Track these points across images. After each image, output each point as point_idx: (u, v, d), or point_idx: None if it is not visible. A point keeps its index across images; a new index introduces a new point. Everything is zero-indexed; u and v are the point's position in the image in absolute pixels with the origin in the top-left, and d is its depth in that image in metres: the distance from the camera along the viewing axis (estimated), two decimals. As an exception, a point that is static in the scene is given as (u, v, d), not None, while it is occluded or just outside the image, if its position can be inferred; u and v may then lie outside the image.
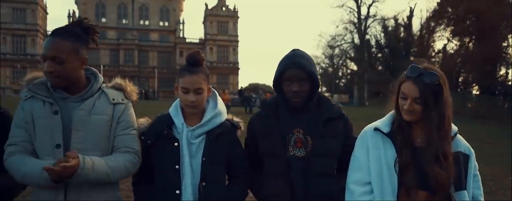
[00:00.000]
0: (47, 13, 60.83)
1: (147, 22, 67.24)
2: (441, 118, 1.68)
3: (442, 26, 40.08)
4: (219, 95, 2.10)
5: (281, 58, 2.00)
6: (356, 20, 46.81)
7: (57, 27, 1.78)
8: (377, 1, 46.01)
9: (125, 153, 1.79)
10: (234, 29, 63.70)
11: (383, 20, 46.85)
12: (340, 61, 55.98)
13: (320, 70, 61.22)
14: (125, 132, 1.82)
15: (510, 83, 29.38)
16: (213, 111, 1.95)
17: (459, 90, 36.10)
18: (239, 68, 63.66)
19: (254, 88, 53.94)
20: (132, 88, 1.92)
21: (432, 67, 1.72)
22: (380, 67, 48.03)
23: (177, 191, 1.83)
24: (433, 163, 1.66)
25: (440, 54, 44.47)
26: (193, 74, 1.88)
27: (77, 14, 61.01)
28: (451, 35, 39.58)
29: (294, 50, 2.02)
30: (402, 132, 1.75)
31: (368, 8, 46.52)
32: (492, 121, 19.86)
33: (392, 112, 1.84)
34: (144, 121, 1.98)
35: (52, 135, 1.70)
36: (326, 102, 2.00)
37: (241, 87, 29.31)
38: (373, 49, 49.23)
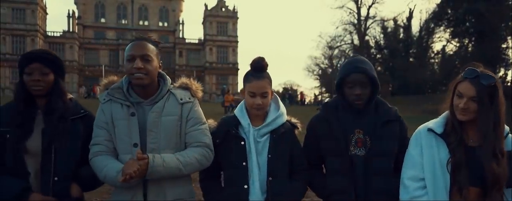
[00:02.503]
0: (46, 14, 60.78)
1: (146, 23, 67.23)
2: (497, 118, 1.80)
3: (442, 28, 40.13)
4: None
5: (343, 63, 2.17)
6: (355, 21, 46.85)
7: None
8: (377, 3, 46.09)
9: (196, 147, 1.93)
10: (233, 29, 63.72)
11: (383, 21, 46.93)
12: (340, 62, 55.96)
13: (320, 71, 61.31)
14: (195, 128, 1.96)
15: (509, 84, 29.38)
16: (276, 112, 2.11)
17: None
18: (238, 69, 63.66)
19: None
20: (197, 86, 2.07)
21: (488, 71, 1.85)
22: (379, 68, 48.09)
23: (245, 186, 1.99)
24: (491, 160, 1.77)
25: (439, 55, 44.55)
26: (259, 79, 2.04)
27: (76, 15, 61.03)
28: (450, 37, 39.62)
29: (355, 55, 2.18)
30: (455, 133, 1.86)
31: (368, 9, 46.62)
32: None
33: (445, 113, 1.95)
34: (211, 122, 2.13)
35: (130, 135, 1.88)
36: (384, 105, 2.14)
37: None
38: (373, 50, 49.27)
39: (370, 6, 46.31)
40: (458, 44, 39.39)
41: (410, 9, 47.12)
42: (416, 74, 39.35)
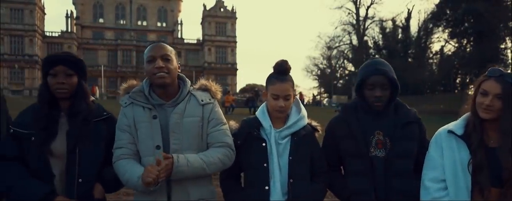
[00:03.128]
0: (45, 14, 60.69)
1: (145, 23, 67.19)
2: None
3: (440, 28, 40.20)
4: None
5: (362, 65, 2.18)
6: (354, 22, 46.91)
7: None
8: (376, 3, 46.24)
9: (218, 147, 1.96)
10: (232, 30, 63.74)
11: (381, 21, 47.03)
12: (338, 62, 56.06)
13: (318, 71, 61.37)
14: (216, 129, 1.99)
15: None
16: (297, 115, 2.13)
17: (456, 91, 36.18)
18: (237, 69, 63.71)
19: (251, 88, 53.98)
20: (216, 88, 2.10)
21: (509, 73, 1.87)
22: (378, 68, 48.07)
23: (266, 187, 2.00)
24: (509, 159, 1.78)
25: (438, 56, 44.63)
26: (283, 82, 2.05)
27: (75, 15, 60.97)
28: (449, 37, 39.69)
29: (374, 58, 2.20)
30: (476, 133, 1.88)
31: (367, 10, 46.77)
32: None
33: (465, 115, 1.98)
34: (233, 123, 2.16)
35: (153, 138, 1.90)
36: (403, 107, 2.16)
37: (257, 89, 29.84)
38: (371, 51, 49.34)
39: (368, 7, 46.47)
40: (456, 45, 39.47)
41: (409, 9, 47.27)
42: (415, 75, 39.40)
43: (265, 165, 2.02)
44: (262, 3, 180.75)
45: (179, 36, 65.01)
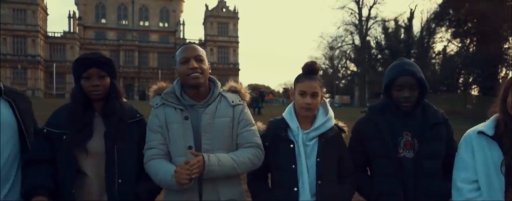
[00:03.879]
0: (47, 14, 60.86)
1: (147, 23, 67.31)
2: None
3: (443, 28, 40.10)
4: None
5: (389, 66, 2.18)
6: (357, 22, 46.86)
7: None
8: (378, 3, 46.16)
9: (248, 148, 1.98)
10: (234, 30, 63.79)
11: (384, 21, 46.96)
12: (341, 62, 55.99)
13: (321, 71, 61.32)
14: (246, 129, 2.01)
15: None
16: (325, 116, 2.13)
17: (459, 91, 36.10)
18: (239, 69, 63.73)
19: (254, 89, 53.99)
20: (245, 90, 2.13)
21: None
22: (380, 69, 48.08)
23: (295, 189, 2.00)
24: None
25: (440, 56, 44.51)
26: (311, 80, 2.08)
27: (77, 15, 61.11)
28: (451, 37, 39.57)
29: (401, 59, 2.19)
30: (509, 134, 1.85)
31: (369, 10, 46.69)
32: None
33: (494, 116, 1.96)
34: (260, 125, 2.16)
35: (185, 138, 1.91)
36: (430, 108, 2.15)
37: (262, 90, 30.14)
38: (373, 51, 49.27)
39: (371, 7, 46.43)
40: (459, 45, 39.36)
41: (411, 9, 47.18)
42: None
43: (293, 166, 2.02)
44: (264, 3, 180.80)
45: (181, 36, 65.07)
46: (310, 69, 2.11)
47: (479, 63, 31.98)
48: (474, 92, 37.51)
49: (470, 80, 38.78)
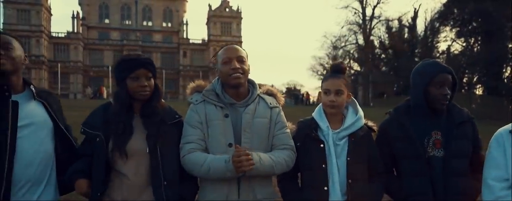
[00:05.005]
0: (51, 15, 61.04)
1: (150, 23, 67.43)
2: None
3: (447, 27, 39.92)
4: None
5: (420, 65, 2.20)
6: (360, 21, 46.72)
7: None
8: (382, 2, 45.94)
9: (283, 149, 2.02)
10: (237, 29, 63.77)
11: (387, 21, 46.76)
12: (344, 62, 55.83)
13: (324, 71, 61.20)
14: (282, 131, 2.06)
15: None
16: (354, 116, 2.16)
17: (463, 90, 35.93)
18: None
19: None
20: (280, 94, 2.19)
21: None
22: (384, 68, 47.92)
23: (326, 188, 2.03)
24: None
25: (445, 55, 44.32)
26: (335, 78, 2.12)
27: (81, 15, 61.30)
28: (456, 36, 39.40)
29: (428, 59, 2.22)
30: None
31: (373, 9, 46.48)
32: (498, 122, 19.69)
33: None
34: (290, 125, 2.19)
35: (225, 135, 1.96)
36: (455, 107, 2.17)
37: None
38: (377, 50, 49.11)
39: (375, 6, 46.20)
40: (464, 44, 39.18)
41: (415, 8, 46.87)
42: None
43: (323, 166, 2.05)
44: (267, 3, 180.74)
45: (185, 36, 65.12)
46: (336, 69, 2.16)
47: (483, 63, 31.81)
48: (479, 91, 37.34)
49: (475, 79, 38.59)
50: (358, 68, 52.07)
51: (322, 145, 2.07)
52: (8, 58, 1.88)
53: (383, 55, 49.21)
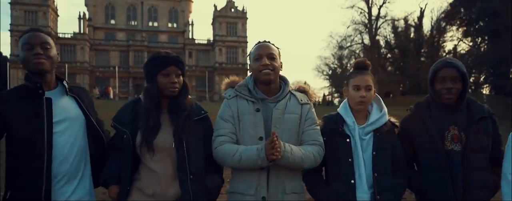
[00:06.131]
0: (57, 15, 61.43)
1: (156, 24, 67.63)
2: None
3: (454, 27, 39.66)
4: None
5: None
6: (366, 21, 46.55)
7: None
8: (388, 2, 45.78)
9: (312, 145, 2.07)
10: (243, 30, 63.82)
11: (393, 20, 46.56)
12: (350, 62, 55.67)
13: (330, 71, 61.07)
14: (312, 127, 2.11)
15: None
16: (379, 112, 2.22)
17: (470, 90, 35.65)
18: (248, 69, 63.60)
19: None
20: (312, 91, 2.24)
21: None
22: (390, 68, 47.70)
23: (352, 181, 2.09)
24: None
25: (451, 55, 44.02)
26: (363, 74, 2.19)
27: (87, 16, 61.62)
28: (462, 36, 39.14)
29: (446, 57, 2.29)
30: None
31: (379, 9, 46.35)
32: (506, 121, 19.53)
33: None
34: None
35: (256, 129, 2.02)
36: (475, 103, 2.21)
37: None
38: (383, 50, 48.90)
39: (381, 6, 46.07)
40: (470, 43, 38.91)
41: (421, 8, 46.67)
42: (428, 74, 38.72)
43: (350, 160, 2.10)
44: (272, 3, 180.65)
45: (190, 36, 65.26)
46: (362, 65, 2.22)
47: (490, 62, 31.59)
48: (486, 91, 37.09)
49: (482, 79, 38.31)
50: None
51: (348, 140, 2.13)
52: (47, 57, 1.95)
53: (389, 55, 49.00)
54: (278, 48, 2.16)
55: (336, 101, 47.61)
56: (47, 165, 1.87)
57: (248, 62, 2.17)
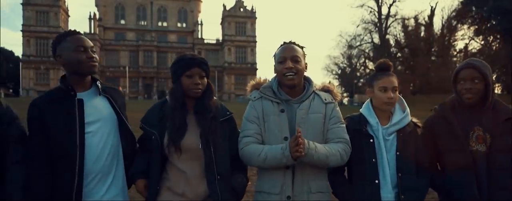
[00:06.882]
0: (68, 16, 62.09)
1: (165, 24, 68.03)
2: None
3: (465, 26, 39.25)
4: None
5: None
6: (376, 20, 46.28)
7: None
8: (398, 1, 45.47)
9: (338, 143, 2.08)
10: (252, 29, 63.88)
11: (404, 19, 46.23)
12: (359, 61, 55.41)
13: (339, 70, 60.86)
14: (337, 125, 2.12)
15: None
16: (402, 113, 2.23)
17: (481, 90, 35.24)
18: (257, 69, 63.76)
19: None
20: (337, 90, 2.24)
21: None
22: (400, 67, 47.40)
23: (376, 181, 2.10)
24: None
25: (462, 54, 43.60)
26: (390, 75, 2.19)
27: (97, 16, 62.17)
28: (474, 34, 38.72)
29: (468, 59, 2.27)
30: None
31: (389, 8, 46.08)
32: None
33: None
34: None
35: (281, 129, 2.05)
36: (500, 104, 2.21)
37: None
38: (393, 49, 48.59)
39: (391, 5, 45.84)
40: (482, 42, 38.47)
41: (432, 7, 46.23)
42: (439, 73, 38.50)
43: (373, 160, 2.11)
44: (282, 2, 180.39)
45: (199, 36, 65.49)
46: (385, 67, 2.22)
47: (502, 61, 31.19)
48: (497, 90, 36.61)
49: (493, 78, 37.85)
50: (373, 67, 51.59)
51: (371, 140, 2.14)
52: (96, 61, 2.05)
53: (399, 54, 48.67)
54: (303, 48, 2.16)
55: (345, 100, 47.33)
56: (80, 165, 1.92)
57: (273, 63, 2.17)
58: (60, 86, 2.03)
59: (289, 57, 2.06)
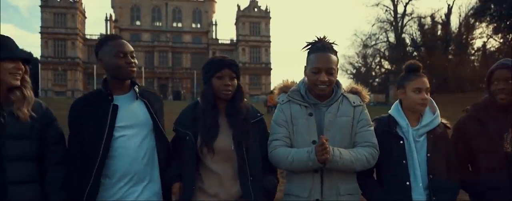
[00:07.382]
0: (85, 17, 63.04)
1: (180, 24, 68.49)
2: None
3: (484, 24, 38.53)
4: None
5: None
6: (392, 19, 45.76)
7: (318, 42, 2.09)
8: (414, -1, 44.74)
9: (365, 146, 2.06)
10: (266, 29, 63.87)
11: (420, 18, 45.60)
12: (374, 61, 54.89)
13: (354, 69, 60.36)
14: (365, 129, 2.10)
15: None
16: (432, 114, 2.21)
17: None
18: (271, 69, 63.74)
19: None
20: (365, 92, 2.22)
21: None
22: (416, 66, 46.67)
23: (407, 183, 2.08)
24: None
25: (480, 52, 42.79)
26: (422, 77, 2.17)
27: (113, 18, 62.99)
28: (493, 32, 37.97)
29: (502, 59, 2.25)
30: None
31: (405, 7, 45.52)
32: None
33: None
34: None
35: (309, 133, 2.04)
36: None
37: None
38: (409, 48, 47.98)
39: (407, 3, 45.26)
40: (501, 40, 37.68)
41: (449, 5, 45.48)
42: (456, 72, 37.88)
43: (404, 162, 2.10)
44: (296, 2, 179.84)
45: (214, 36, 65.76)
46: (415, 67, 2.20)
47: (523, 60, 30.46)
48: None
49: (513, 77, 37.05)
50: (389, 67, 51.04)
51: (401, 142, 2.13)
52: (135, 66, 2.09)
53: (415, 53, 48.03)
54: (336, 54, 2.10)
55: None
56: (98, 167, 1.96)
57: (304, 65, 2.13)
58: (101, 89, 2.08)
59: (324, 69, 2.02)
